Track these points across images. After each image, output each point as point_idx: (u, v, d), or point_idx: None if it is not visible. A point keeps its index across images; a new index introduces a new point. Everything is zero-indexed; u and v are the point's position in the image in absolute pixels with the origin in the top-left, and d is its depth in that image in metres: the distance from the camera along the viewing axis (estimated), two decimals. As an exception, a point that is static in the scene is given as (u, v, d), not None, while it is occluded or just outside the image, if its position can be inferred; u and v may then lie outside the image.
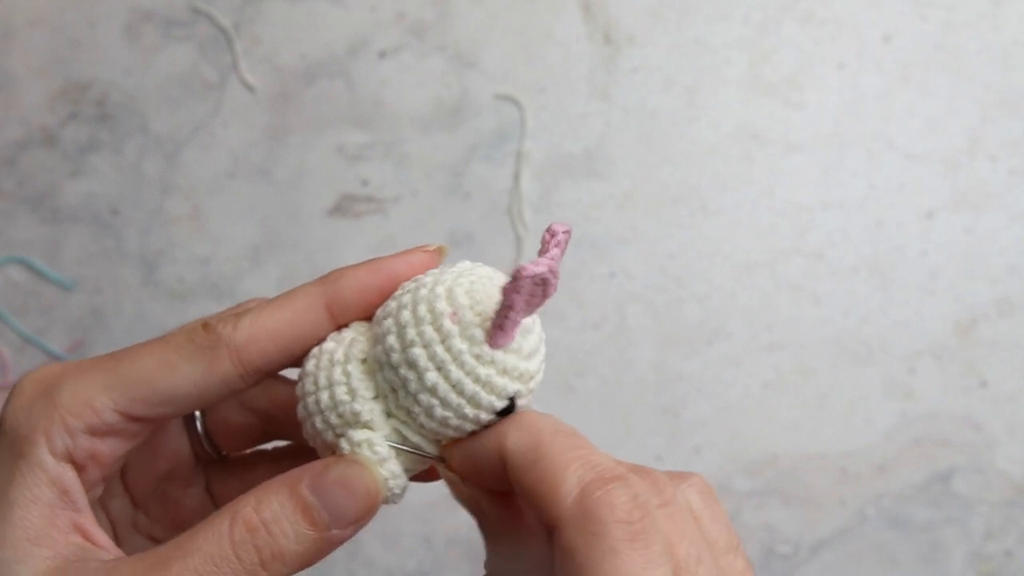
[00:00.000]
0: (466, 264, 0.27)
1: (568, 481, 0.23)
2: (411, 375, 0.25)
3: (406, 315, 0.25)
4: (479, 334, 0.25)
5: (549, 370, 0.68)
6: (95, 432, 0.26)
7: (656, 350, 0.67)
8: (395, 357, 0.25)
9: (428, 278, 0.26)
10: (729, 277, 0.67)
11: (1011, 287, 0.66)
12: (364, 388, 0.26)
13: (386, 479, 0.26)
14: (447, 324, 0.25)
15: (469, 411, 0.25)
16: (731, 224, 0.68)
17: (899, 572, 0.64)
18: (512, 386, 0.25)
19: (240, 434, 0.32)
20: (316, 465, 0.25)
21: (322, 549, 0.25)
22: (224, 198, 0.70)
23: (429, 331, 0.25)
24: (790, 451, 0.65)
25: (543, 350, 0.27)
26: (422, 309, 0.25)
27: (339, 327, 0.28)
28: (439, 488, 0.67)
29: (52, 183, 0.71)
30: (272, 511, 0.24)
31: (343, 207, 0.69)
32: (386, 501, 0.27)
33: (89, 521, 0.26)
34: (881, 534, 0.65)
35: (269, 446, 0.32)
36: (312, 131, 0.70)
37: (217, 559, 0.24)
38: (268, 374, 0.28)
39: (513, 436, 0.25)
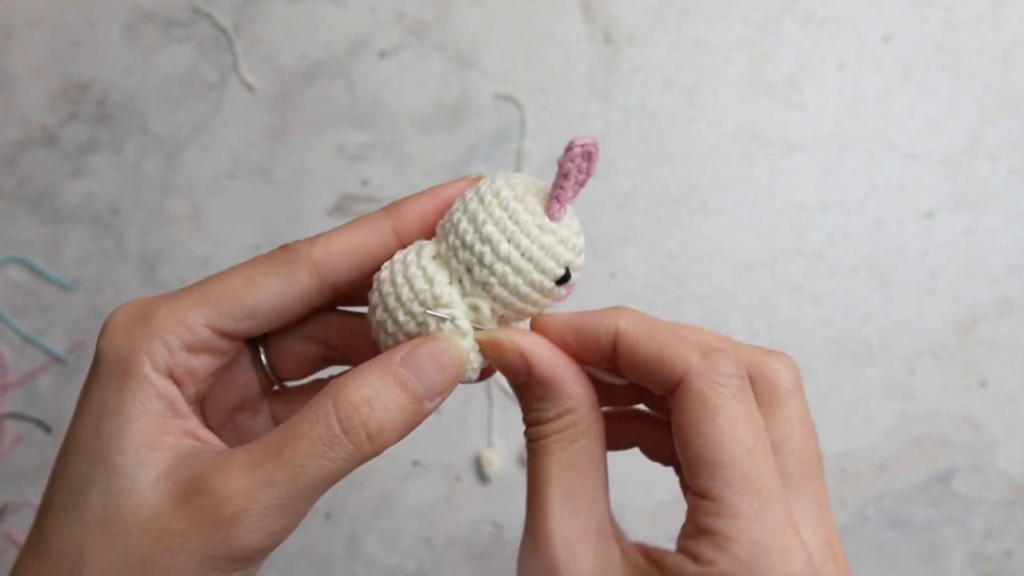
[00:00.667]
0: (507, 173, 0.31)
1: (690, 346, 0.28)
2: (486, 248, 0.29)
3: (474, 205, 0.29)
4: (539, 208, 0.29)
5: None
6: (191, 348, 0.29)
7: (656, 350, 0.67)
8: (469, 238, 0.29)
9: (484, 183, 0.30)
10: (729, 277, 0.67)
11: (1011, 287, 0.66)
12: (440, 275, 0.29)
13: (467, 351, 0.30)
14: (512, 203, 0.29)
15: (536, 277, 0.29)
16: (731, 224, 0.68)
17: (899, 572, 0.64)
18: (568, 255, 0.30)
19: (301, 363, 0.34)
20: (405, 346, 0.29)
21: (415, 420, 0.28)
22: (224, 198, 0.70)
23: (498, 211, 0.29)
24: (790, 451, 0.65)
25: (582, 235, 0.31)
26: (488, 196, 0.29)
27: (403, 246, 0.31)
28: (439, 488, 0.67)
29: (52, 183, 0.71)
30: (372, 388, 0.27)
31: (343, 207, 0.69)
32: (465, 380, 0.30)
33: (196, 425, 0.29)
34: (881, 534, 0.65)
35: (325, 374, 0.34)
36: (312, 131, 0.70)
37: (327, 439, 0.26)
38: (341, 290, 0.31)
39: (627, 319, 0.29)
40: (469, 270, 0.29)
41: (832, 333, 0.66)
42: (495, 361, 0.30)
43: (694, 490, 0.28)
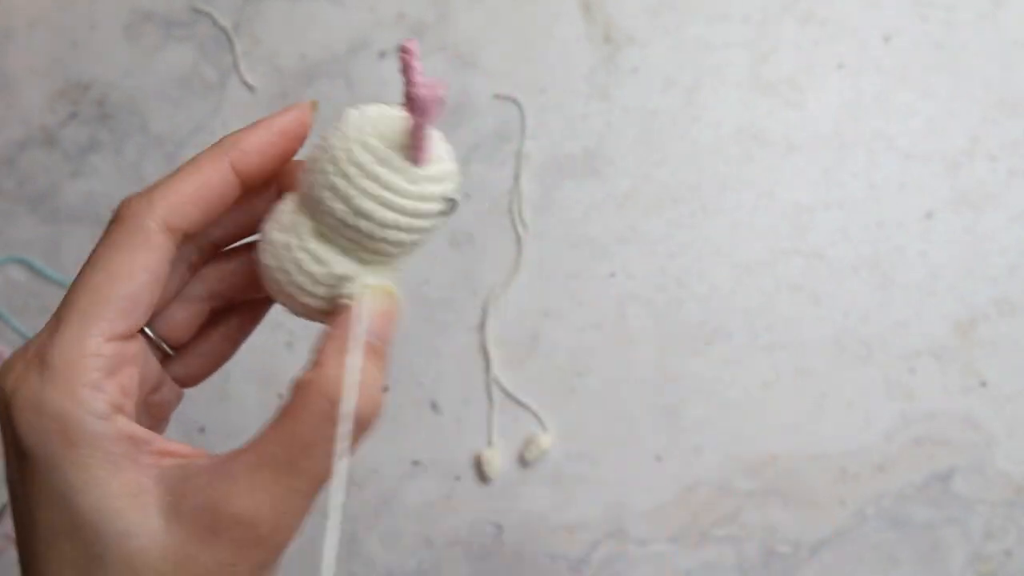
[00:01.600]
0: (354, 113, 0.30)
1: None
2: (369, 224, 0.28)
3: (337, 181, 0.28)
4: (404, 163, 0.28)
5: (549, 370, 0.68)
6: (111, 371, 0.26)
7: (656, 350, 0.67)
8: (348, 218, 0.28)
9: (333, 139, 0.29)
10: (729, 277, 0.67)
11: (1011, 287, 0.66)
12: (329, 253, 0.29)
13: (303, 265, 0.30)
14: (376, 168, 0.28)
15: (422, 223, 0.29)
16: (731, 224, 0.68)
17: (899, 572, 0.64)
18: (444, 188, 0.29)
19: (190, 325, 0.33)
20: (360, 315, 0.27)
21: (383, 369, 0.28)
22: (224, 198, 0.70)
23: (365, 182, 0.28)
24: (790, 451, 0.65)
25: (451, 150, 0.30)
26: (350, 168, 0.28)
27: (244, 182, 0.30)
28: (439, 488, 0.67)
29: (52, 183, 0.71)
30: (362, 372, 0.26)
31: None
32: (291, 309, 0.31)
33: (160, 442, 0.27)
34: (881, 534, 0.65)
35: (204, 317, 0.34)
36: (312, 131, 0.70)
37: (324, 434, 0.26)
38: (192, 239, 0.30)
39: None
40: (358, 243, 0.29)
41: (832, 333, 0.66)
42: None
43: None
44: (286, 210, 0.30)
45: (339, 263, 0.29)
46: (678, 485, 0.66)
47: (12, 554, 0.67)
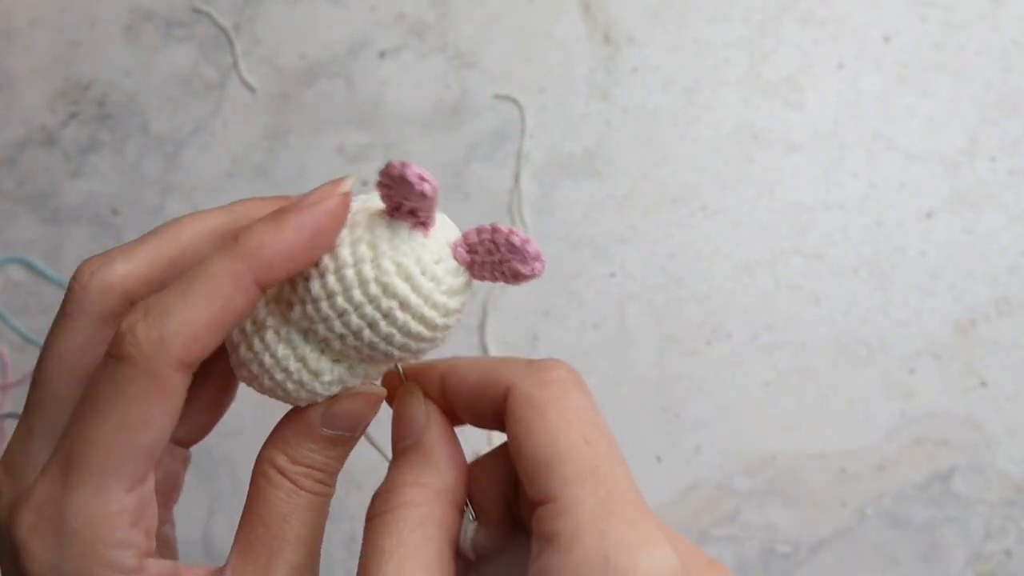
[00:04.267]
0: (365, 228, 0.26)
1: (511, 362, 0.27)
2: (388, 346, 0.27)
3: (366, 333, 0.26)
4: (440, 297, 0.27)
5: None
6: (136, 521, 0.25)
7: (656, 350, 0.67)
8: (380, 347, 0.27)
9: (350, 273, 0.25)
10: (729, 277, 0.67)
11: (1011, 287, 0.66)
12: (319, 361, 0.27)
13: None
14: (400, 316, 0.26)
15: (446, 321, 0.28)
16: (731, 224, 0.68)
17: (899, 572, 0.64)
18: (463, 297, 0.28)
19: (203, 427, 0.33)
20: (318, 407, 0.28)
21: (351, 449, 0.29)
22: (224, 198, 0.70)
23: (397, 337, 0.26)
24: (790, 451, 0.65)
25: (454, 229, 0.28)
26: (384, 327, 0.26)
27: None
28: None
29: (52, 183, 0.71)
30: (309, 457, 0.28)
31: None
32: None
33: (184, 570, 0.26)
34: (881, 534, 0.65)
35: None
36: (312, 131, 0.70)
37: (306, 507, 0.27)
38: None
39: (452, 361, 0.29)
40: (361, 355, 0.27)
41: (832, 333, 0.66)
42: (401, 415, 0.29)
43: (538, 499, 0.24)
44: (269, 322, 0.27)
45: (320, 364, 0.27)
46: (678, 485, 0.66)
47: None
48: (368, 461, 0.68)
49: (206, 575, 0.26)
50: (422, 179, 0.24)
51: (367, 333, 0.26)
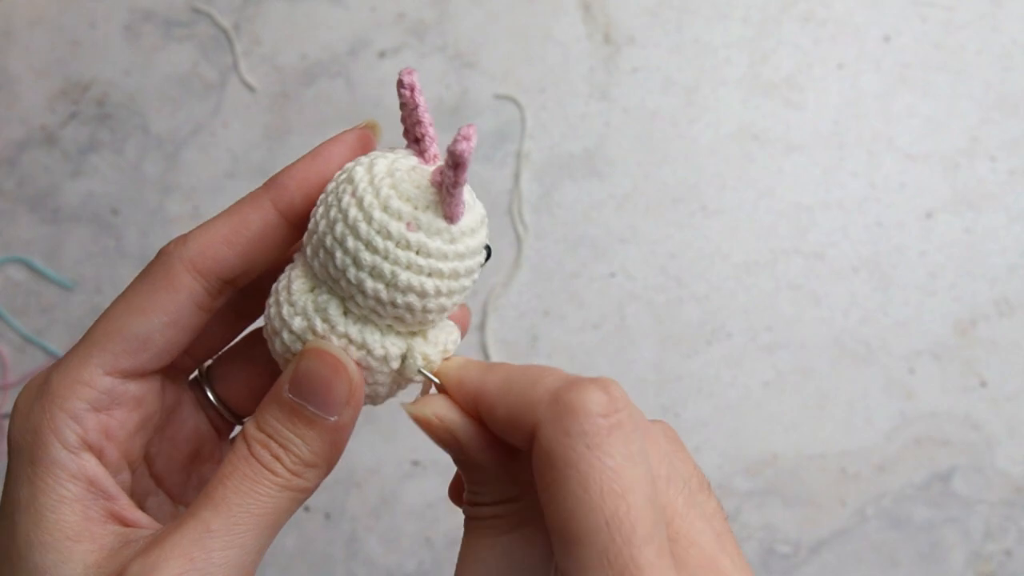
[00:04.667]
0: (360, 171, 0.26)
1: (541, 389, 0.23)
2: (412, 298, 0.25)
3: (364, 255, 0.25)
4: (439, 222, 0.25)
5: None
6: (99, 406, 0.26)
7: (656, 350, 0.67)
8: (385, 295, 0.25)
9: (347, 205, 0.25)
10: (729, 277, 0.67)
11: (1011, 287, 0.66)
12: (367, 334, 0.26)
13: (347, 353, 0.26)
14: (411, 236, 0.24)
15: (467, 281, 0.26)
16: (731, 224, 0.68)
17: (899, 572, 0.64)
18: (481, 237, 0.26)
19: (253, 392, 0.31)
20: (288, 370, 0.26)
21: (334, 441, 0.25)
22: (224, 198, 0.70)
23: (400, 252, 0.25)
24: (790, 451, 0.65)
25: (471, 189, 0.27)
26: (378, 240, 0.24)
27: (288, 220, 0.27)
28: (439, 488, 0.67)
29: (52, 183, 0.71)
30: (271, 425, 0.25)
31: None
32: (370, 400, 0.27)
33: (124, 505, 0.26)
34: (881, 534, 0.65)
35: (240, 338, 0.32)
36: (312, 131, 0.70)
37: (254, 485, 0.24)
38: (238, 283, 0.27)
39: (489, 376, 0.25)
40: (397, 318, 0.26)
41: (832, 333, 0.66)
42: (423, 429, 0.26)
43: (556, 565, 0.22)
44: (298, 288, 0.26)
45: (380, 343, 0.26)
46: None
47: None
48: (369, 462, 0.68)
49: (148, 524, 0.26)
50: (408, 85, 0.25)
51: (338, 250, 0.25)
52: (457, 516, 0.66)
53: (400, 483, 0.66)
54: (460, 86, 0.70)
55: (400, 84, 0.25)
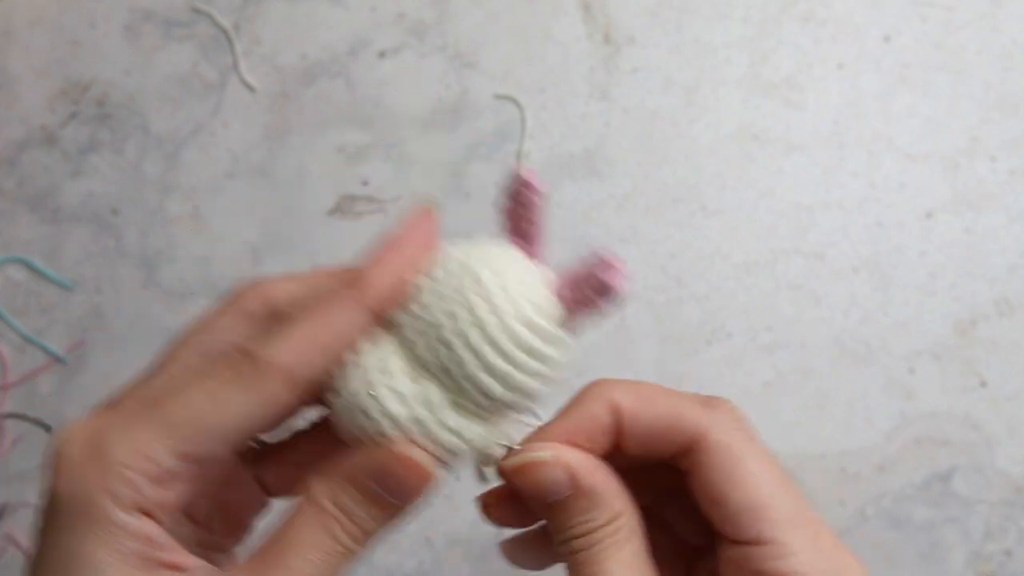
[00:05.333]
0: (488, 275, 0.27)
1: (692, 403, 0.29)
2: (520, 399, 0.27)
3: (488, 354, 0.26)
4: (566, 339, 0.27)
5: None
6: (158, 481, 0.26)
7: (656, 350, 0.67)
8: (499, 394, 0.26)
9: (475, 301, 0.26)
10: (729, 277, 0.67)
11: (1011, 287, 0.66)
12: (460, 421, 0.27)
13: (440, 439, 0.27)
14: (544, 348, 0.26)
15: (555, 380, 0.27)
16: (731, 224, 0.68)
17: (899, 572, 0.64)
18: (573, 343, 0.28)
19: (295, 480, 0.32)
20: (375, 457, 0.27)
21: (399, 516, 0.28)
22: (224, 198, 0.70)
23: (531, 363, 0.26)
24: (790, 451, 0.65)
25: None
26: (513, 350, 0.26)
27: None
28: (439, 488, 0.67)
29: (52, 183, 0.71)
30: (346, 503, 0.27)
31: (343, 207, 0.69)
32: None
33: (177, 553, 0.26)
34: (881, 534, 0.65)
35: (303, 422, 0.33)
36: (312, 131, 0.70)
37: (324, 549, 0.26)
38: (320, 384, 0.27)
39: (621, 393, 0.29)
40: (487, 409, 0.27)
41: (832, 333, 0.66)
42: (523, 483, 0.28)
43: (744, 539, 0.28)
44: (398, 371, 0.27)
45: (478, 433, 0.27)
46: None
47: (12, 554, 0.67)
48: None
49: (200, 567, 0.27)
50: (536, 189, 0.26)
51: (448, 328, 0.26)
52: (457, 517, 0.66)
53: (400, 483, 0.66)
54: (460, 86, 0.70)
55: (526, 186, 0.26)
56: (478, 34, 0.70)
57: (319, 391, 0.27)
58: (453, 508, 0.66)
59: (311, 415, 0.32)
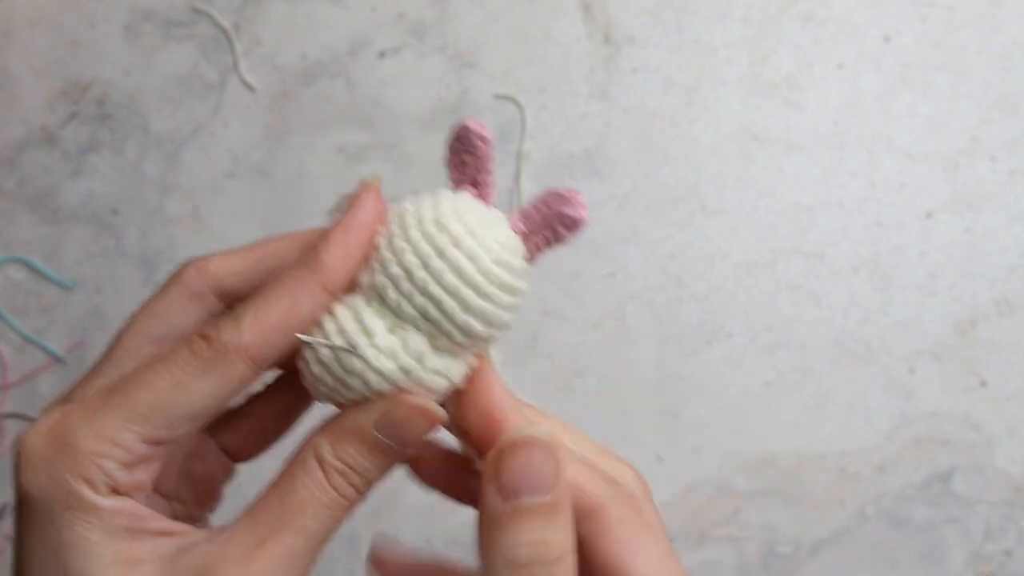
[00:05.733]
0: (455, 208, 0.28)
1: (596, 474, 0.30)
2: (495, 332, 0.27)
3: (472, 297, 0.27)
4: (527, 267, 0.28)
5: (549, 370, 0.68)
6: (128, 466, 0.26)
7: (656, 350, 0.67)
8: (478, 330, 0.27)
9: (446, 246, 0.27)
10: (729, 277, 0.67)
11: (1011, 287, 0.66)
12: (388, 335, 0.27)
13: (434, 384, 0.28)
14: (515, 281, 0.27)
15: (509, 316, 0.28)
16: (731, 224, 0.68)
17: (899, 572, 0.64)
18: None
19: (257, 442, 0.33)
20: (382, 410, 0.27)
21: (400, 462, 0.29)
22: (224, 198, 0.70)
23: (499, 293, 0.27)
24: (790, 451, 0.65)
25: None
26: (480, 280, 0.27)
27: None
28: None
29: (52, 183, 0.71)
30: (352, 456, 0.27)
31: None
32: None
33: (162, 520, 0.27)
34: (881, 534, 0.65)
35: (259, 384, 0.33)
36: (312, 131, 0.70)
37: (327, 504, 0.27)
38: (276, 363, 0.28)
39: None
40: (457, 343, 0.27)
41: (832, 333, 0.66)
42: (508, 463, 0.27)
43: None
44: (379, 329, 0.27)
45: (459, 371, 0.28)
46: (678, 485, 0.66)
47: (12, 554, 0.67)
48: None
49: (189, 530, 0.27)
50: (485, 139, 0.28)
51: (421, 273, 0.26)
52: (457, 517, 0.66)
53: (400, 483, 0.66)
54: (460, 86, 0.70)
55: (478, 136, 0.28)
56: (478, 34, 0.70)
57: (283, 361, 0.28)
58: (453, 508, 0.66)
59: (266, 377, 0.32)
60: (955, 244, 0.66)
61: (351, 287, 0.28)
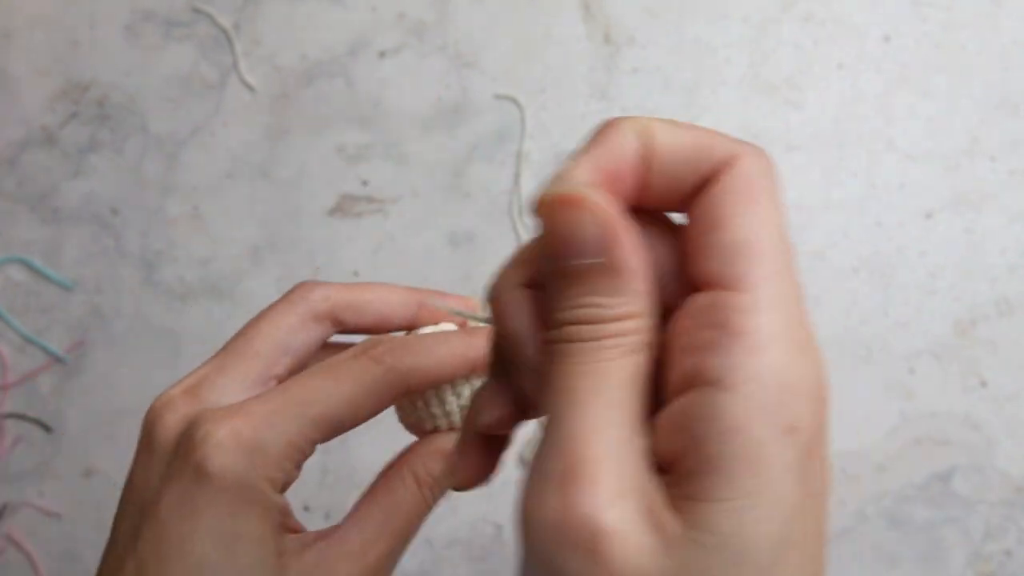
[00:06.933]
0: None
1: (726, 136, 0.23)
2: None
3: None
4: None
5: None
6: (298, 467, 0.31)
7: (656, 350, 0.67)
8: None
9: None
10: (729, 277, 0.67)
11: (1011, 287, 0.66)
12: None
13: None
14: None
15: None
16: (731, 224, 0.67)
17: (899, 572, 0.64)
18: None
19: None
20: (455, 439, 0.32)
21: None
22: (224, 198, 0.70)
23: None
24: (790, 451, 0.65)
25: None
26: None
27: None
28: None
29: (52, 183, 0.71)
30: (436, 472, 0.34)
31: (343, 207, 0.69)
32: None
33: (294, 518, 0.32)
34: (881, 534, 0.65)
35: None
36: (312, 131, 0.70)
37: (421, 510, 0.34)
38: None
39: (648, 120, 0.24)
40: None
41: (832, 333, 0.66)
42: (551, 223, 0.22)
43: (720, 280, 0.22)
44: (449, 394, 0.35)
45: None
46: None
47: (12, 554, 0.67)
48: (368, 463, 0.68)
49: (306, 530, 0.32)
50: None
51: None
52: (457, 517, 0.66)
53: (400, 483, 0.66)
54: (460, 86, 0.70)
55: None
56: (478, 34, 0.70)
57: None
58: (453, 508, 0.66)
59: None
60: (955, 244, 0.66)
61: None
